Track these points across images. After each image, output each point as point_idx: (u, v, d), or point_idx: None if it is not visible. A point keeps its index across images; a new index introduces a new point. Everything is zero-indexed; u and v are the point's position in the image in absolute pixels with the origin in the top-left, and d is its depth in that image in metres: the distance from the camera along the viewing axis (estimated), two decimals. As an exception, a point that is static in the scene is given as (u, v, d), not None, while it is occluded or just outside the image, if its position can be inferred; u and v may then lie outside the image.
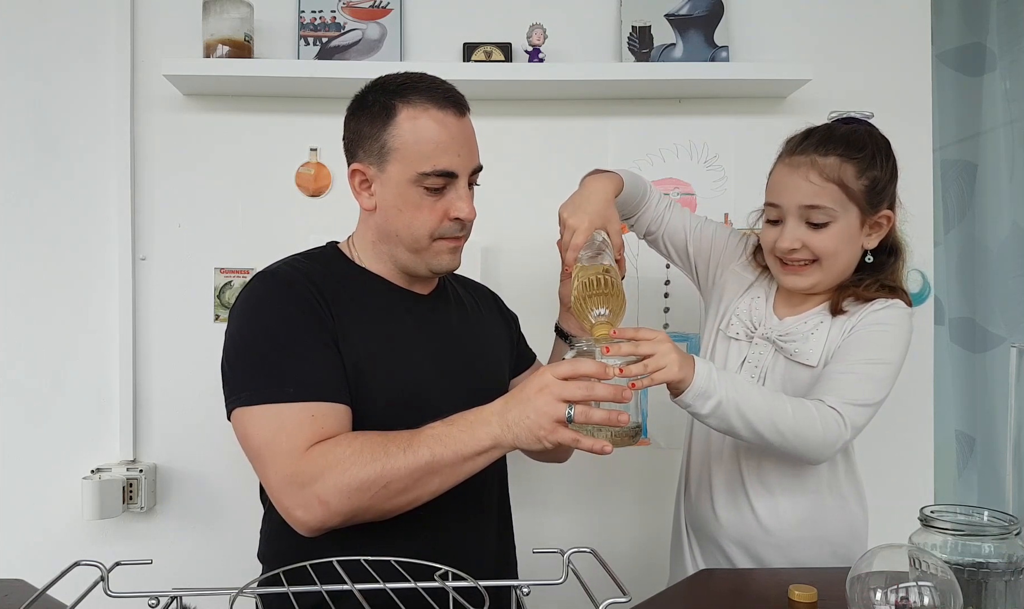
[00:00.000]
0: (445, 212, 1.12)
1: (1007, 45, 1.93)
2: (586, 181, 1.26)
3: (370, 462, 0.97)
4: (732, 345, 1.29)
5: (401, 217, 1.12)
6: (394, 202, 1.12)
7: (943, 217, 1.98)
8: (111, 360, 1.80)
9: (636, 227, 1.42)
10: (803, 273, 1.22)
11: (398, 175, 1.10)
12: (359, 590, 0.72)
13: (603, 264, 1.09)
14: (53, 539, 1.79)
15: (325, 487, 0.97)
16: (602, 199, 1.21)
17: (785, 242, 1.20)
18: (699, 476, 1.32)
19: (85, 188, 1.80)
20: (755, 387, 1.14)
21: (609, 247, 1.16)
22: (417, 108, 1.10)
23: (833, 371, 1.17)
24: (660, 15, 1.82)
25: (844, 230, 1.19)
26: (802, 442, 1.10)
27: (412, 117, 1.09)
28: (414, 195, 1.11)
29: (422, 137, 1.09)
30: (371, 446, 0.99)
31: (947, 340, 1.98)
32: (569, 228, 1.17)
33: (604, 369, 0.96)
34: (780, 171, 1.23)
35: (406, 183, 1.10)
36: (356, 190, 1.16)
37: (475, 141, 1.16)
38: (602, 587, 0.75)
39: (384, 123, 1.11)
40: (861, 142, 1.20)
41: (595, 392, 0.94)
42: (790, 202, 1.20)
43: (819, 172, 1.18)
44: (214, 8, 1.70)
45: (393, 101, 1.11)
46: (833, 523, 1.24)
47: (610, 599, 0.67)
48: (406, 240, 1.13)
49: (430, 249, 1.14)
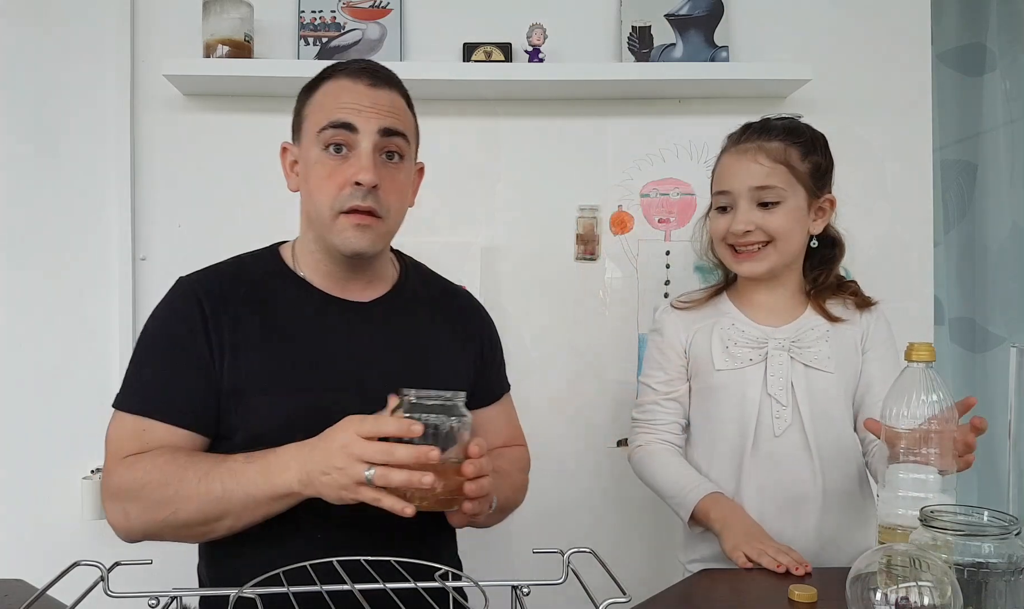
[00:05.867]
0: (346, 178, 1.06)
1: (1007, 45, 1.93)
2: (723, 517, 1.19)
3: (162, 486, 0.96)
4: (748, 372, 1.26)
5: (308, 188, 1.10)
6: (304, 173, 1.11)
7: (943, 217, 1.99)
8: (111, 360, 1.80)
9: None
10: (757, 257, 1.25)
11: (307, 142, 1.10)
12: (359, 590, 0.72)
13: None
14: (53, 539, 1.78)
15: (128, 501, 0.99)
16: (746, 516, 1.20)
17: (739, 225, 1.24)
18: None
19: (85, 188, 1.80)
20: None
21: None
22: (334, 80, 1.11)
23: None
24: (660, 15, 1.82)
25: (793, 211, 1.24)
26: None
27: (327, 88, 1.11)
28: (315, 157, 1.08)
29: (327, 99, 1.09)
30: (171, 467, 0.97)
31: (947, 340, 1.98)
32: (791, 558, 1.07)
33: (409, 427, 0.87)
34: (728, 160, 1.28)
35: (309, 146, 1.09)
36: (286, 172, 1.17)
37: (395, 110, 1.10)
38: (602, 587, 0.75)
39: (307, 97, 1.13)
40: (800, 130, 1.27)
41: (395, 455, 0.86)
42: (741, 185, 1.24)
43: (767, 154, 1.24)
44: (214, 8, 1.70)
45: (320, 79, 1.13)
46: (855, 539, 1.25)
47: (610, 599, 0.67)
48: (314, 217, 1.10)
49: (335, 225, 1.07)
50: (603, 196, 1.86)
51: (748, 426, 1.25)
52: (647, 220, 1.86)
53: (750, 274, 1.27)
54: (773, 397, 1.24)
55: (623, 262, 1.86)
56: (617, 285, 1.86)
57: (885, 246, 1.82)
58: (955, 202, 2.00)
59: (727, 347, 1.28)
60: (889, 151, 1.84)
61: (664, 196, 1.86)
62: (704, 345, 1.30)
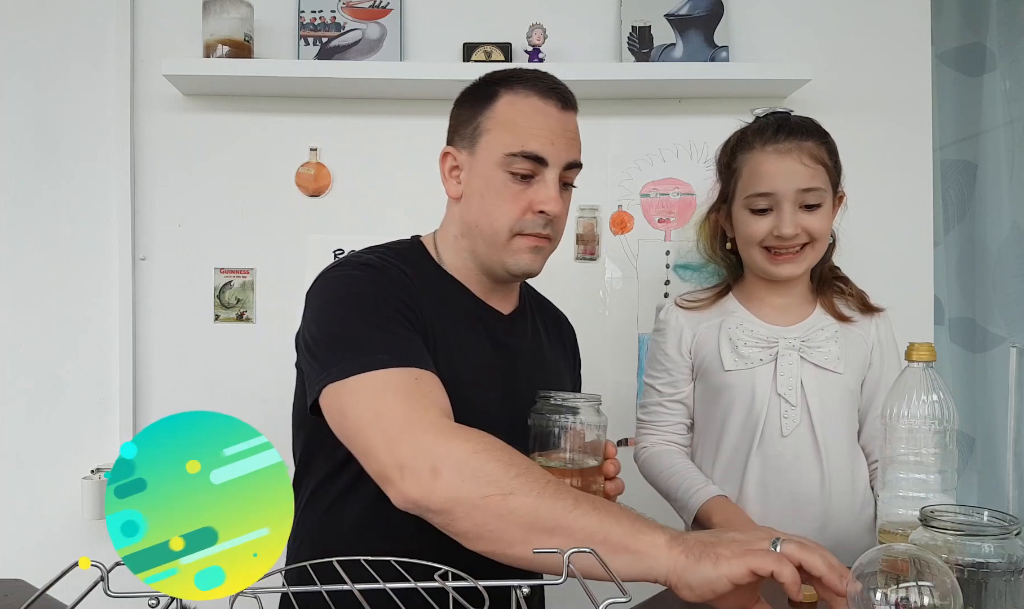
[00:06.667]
0: (529, 204, 1.04)
1: (1007, 45, 1.93)
2: (725, 522, 1.18)
3: (515, 477, 0.82)
4: (757, 372, 1.26)
5: (483, 205, 1.05)
6: (478, 187, 1.06)
7: (943, 217, 1.99)
8: (111, 360, 1.80)
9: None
10: (797, 259, 1.24)
11: (486, 157, 1.05)
12: (359, 590, 0.71)
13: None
14: (53, 539, 1.79)
15: (447, 456, 0.83)
16: (749, 521, 1.19)
17: (787, 228, 1.20)
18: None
19: (85, 188, 1.80)
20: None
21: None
22: (518, 94, 1.06)
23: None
24: (660, 15, 1.82)
25: (830, 211, 1.25)
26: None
27: (511, 101, 1.05)
28: (499, 180, 1.04)
29: (516, 119, 1.04)
30: (529, 468, 0.84)
31: (947, 340, 1.98)
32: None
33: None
34: (765, 160, 1.22)
35: (493, 166, 1.04)
36: (445, 176, 1.11)
37: (577, 139, 1.09)
38: (602, 587, 0.74)
39: (483, 107, 1.07)
40: (821, 129, 1.26)
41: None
42: (786, 187, 1.20)
43: (808, 155, 1.21)
44: (214, 8, 1.70)
45: (497, 88, 1.07)
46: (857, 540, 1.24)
47: (610, 599, 0.67)
48: (486, 232, 1.06)
49: (509, 246, 1.05)
50: (603, 196, 1.85)
51: (756, 426, 1.25)
52: (647, 220, 1.86)
53: (789, 276, 1.24)
54: (783, 397, 1.24)
55: (623, 262, 1.86)
56: (617, 285, 1.86)
57: (885, 246, 1.82)
58: (955, 202, 2.00)
59: (736, 347, 1.26)
60: (889, 151, 1.85)
61: (664, 196, 1.86)
62: (711, 345, 1.29)
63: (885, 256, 1.81)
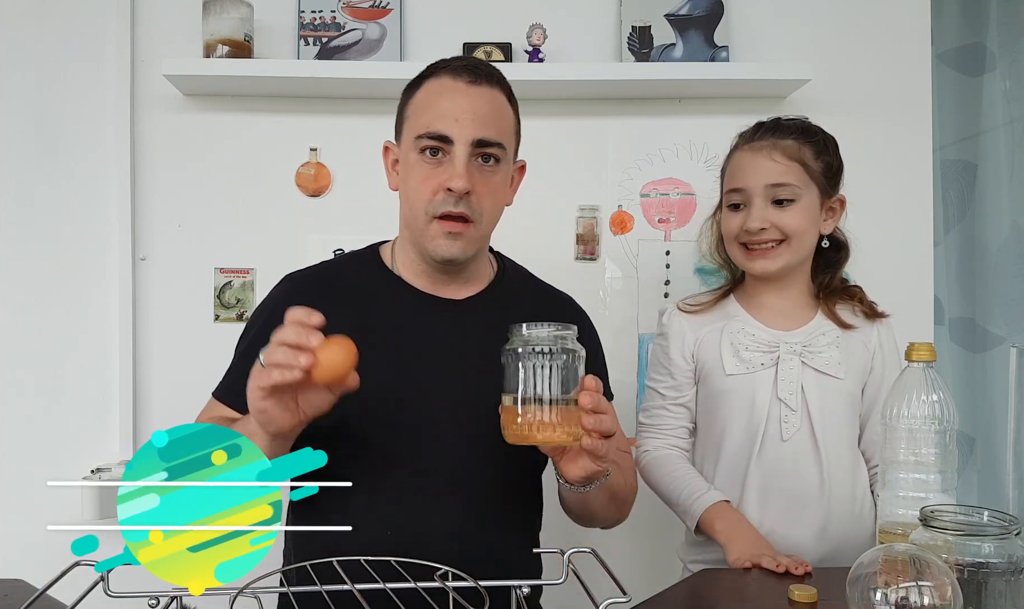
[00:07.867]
0: (440, 183, 1.05)
1: (1007, 45, 1.93)
2: (728, 529, 1.19)
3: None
4: (758, 376, 1.26)
5: (406, 191, 1.10)
6: (404, 175, 1.10)
7: (943, 217, 1.99)
8: (111, 360, 1.80)
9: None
10: (771, 255, 1.24)
11: (406, 144, 1.10)
12: (359, 590, 0.72)
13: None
14: (53, 539, 1.78)
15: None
16: (751, 528, 1.20)
17: (754, 222, 1.23)
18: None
19: (85, 188, 1.80)
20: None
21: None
22: (435, 79, 1.09)
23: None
24: (660, 15, 1.82)
25: (807, 209, 1.24)
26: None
27: (427, 88, 1.09)
28: (414, 163, 1.08)
29: (428, 102, 1.08)
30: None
31: (947, 340, 1.98)
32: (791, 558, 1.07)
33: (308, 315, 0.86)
34: (741, 157, 1.27)
35: (408, 151, 1.09)
36: (388, 170, 1.16)
37: (494, 115, 1.09)
38: (602, 587, 0.75)
39: (408, 97, 1.12)
40: (812, 130, 1.27)
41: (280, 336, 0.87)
42: (755, 183, 1.23)
43: (782, 152, 1.23)
44: (214, 8, 1.70)
45: (422, 78, 1.11)
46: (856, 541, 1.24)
47: (610, 599, 0.67)
48: (410, 219, 1.10)
49: (427, 231, 1.07)
50: (603, 196, 1.85)
51: (756, 430, 1.25)
52: (647, 220, 1.86)
53: (763, 272, 1.26)
54: (783, 402, 1.24)
55: (623, 262, 1.86)
56: (617, 285, 1.86)
57: (885, 246, 1.82)
58: (955, 202, 2.00)
59: (738, 351, 1.27)
60: (889, 151, 1.84)
61: (664, 196, 1.86)
62: (713, 349, 1.29)
63: (885, 256, 1.81)
